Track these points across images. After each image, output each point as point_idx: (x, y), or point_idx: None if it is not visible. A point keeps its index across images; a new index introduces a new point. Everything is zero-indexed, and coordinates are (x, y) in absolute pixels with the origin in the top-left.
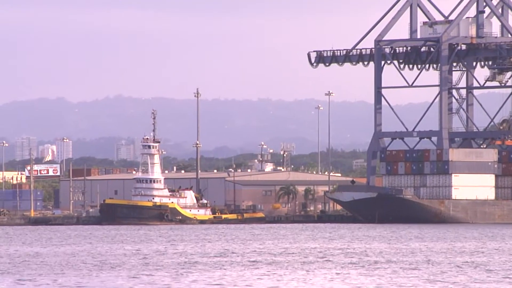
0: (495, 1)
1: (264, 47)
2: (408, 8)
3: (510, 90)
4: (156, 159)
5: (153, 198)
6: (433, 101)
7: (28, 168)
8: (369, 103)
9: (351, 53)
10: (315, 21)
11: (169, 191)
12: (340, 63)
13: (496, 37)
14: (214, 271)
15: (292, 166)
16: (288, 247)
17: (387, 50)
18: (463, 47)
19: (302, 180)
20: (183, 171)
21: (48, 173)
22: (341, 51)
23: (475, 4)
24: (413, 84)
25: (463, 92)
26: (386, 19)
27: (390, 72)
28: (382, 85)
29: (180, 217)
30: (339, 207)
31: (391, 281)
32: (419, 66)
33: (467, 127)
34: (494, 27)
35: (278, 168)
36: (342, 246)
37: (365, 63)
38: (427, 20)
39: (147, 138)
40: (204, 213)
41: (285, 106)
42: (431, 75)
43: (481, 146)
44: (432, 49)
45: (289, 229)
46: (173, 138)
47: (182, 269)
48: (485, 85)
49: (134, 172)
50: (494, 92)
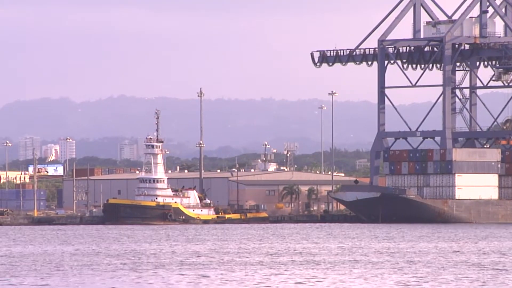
0: (498, 1)
1: (268, 47)
2: (412, 8)
3: None
4: (160, 159)
5: (156, 198)
6: (436, 101)
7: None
8: (373, 103)
9: (354, 53)
10: (318, 21)
11: (172, 191)
12: (344, 63)
13: (499, 37)
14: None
15: (295, 166)
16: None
17: (390, 50)
18: (467, 47)
19: (305, 180)
20: (186, 171)
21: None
22: (345, 51)
23: (478, 4)
24: (417, 84)
25: (466, 92)
26: (389, 19)
27: (393, 72)
28: (386, 85)
29: (183, 217)
30: (342, 207)
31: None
32: (423, 66)
33: (471, 127)
34: (498, 27)
35: (282, 168)
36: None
37: (369, 63)
38: (430, 20)
39: (150, 138)
40: (207, 213)
41: (288, 106)
42: (435, 75)
43: (485, 146)
44: (435, 49)
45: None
46: (176, 138)
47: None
48: (489, 84)
49: (137, 172)
50: (497, 92)
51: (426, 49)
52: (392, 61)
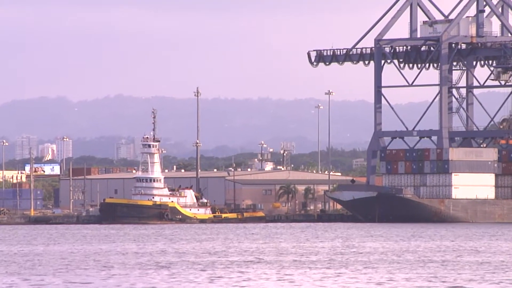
0: (495, 1)
1: (264, 46)
2: (408, 7)
3: (510, 89)
4: (156, 158)
5: (153, 197)
6: (433, 100)
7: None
8: (369, 102)
9: (351, 52)
10: (315, 20)
11: (169, 190)
12: (340, 62)
13: (496, 37)
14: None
15: (292, 165)
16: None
17: (387, 49)
18: (463, 46)
19: (302, 179)
20: (183, 170)
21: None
22: (341, 50)
23: (475, 3)
24: (413, 83)
25: (463, 91)
26: (386, 18)
27: (390, 71)
28: (382, 84)
29: (180, 216)
30: (339, 206)
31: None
32: (419, 65)
33: (467, 126)
34: (494, 27)
35: (278, 167)
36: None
37: (366, 62)
38: (427, 19)
39: (147, 137)
40: (204, 212)
41: (285, 105)
42: (431, 74)
43: (481, 146)
44: (432, 48)
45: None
46: (173, 137)
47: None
48: (486, 84)
49: (134, 171)
50: (494, 91)
51: (422, 48)
52: (388, 61)
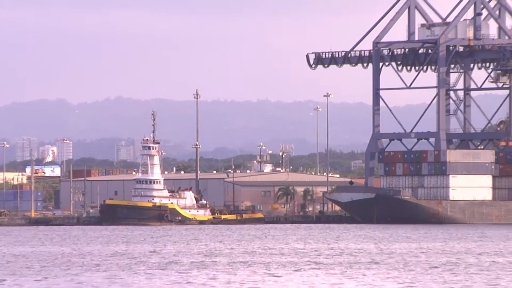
0: (492, 3)
1: (263, 49)
2: (406, 10)
3: (507, 91)
4: (156, 160)
5: (153, 199)
6: (430, 103)
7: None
8: (368, 104)
9: (349, 55)
10: (314, 23)
11: (168, 192)
12: (339, 65)
13: (493, 39)
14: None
15: (291, 167)
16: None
17: (385, 52)
18: (461, 49)
19: (300, 181)
20: (182, 172)
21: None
22: (340, 52)
23: (472, 6)
24: (411, 86)
25: (460, 93)
26: (384, 21)
27: (388, 74)
28: (380, 87)
29: (180, 218)
30: (337, 207)
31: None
32: (417, 67)
33: (465, 128)
34: (492, 29)
35: (277, 169)
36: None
37: (364, 64)
38: (425, 22)
39: (147, 139)
40: (203, 214)
41: (284, 107)
42: (429, 77)
43: (479, 147)
44: (430, 51)
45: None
46: (172, 139)
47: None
48: (483, 86)
49: (134, 173)
50: (491, 93)
51: (420, 51)
52: (387, 63)
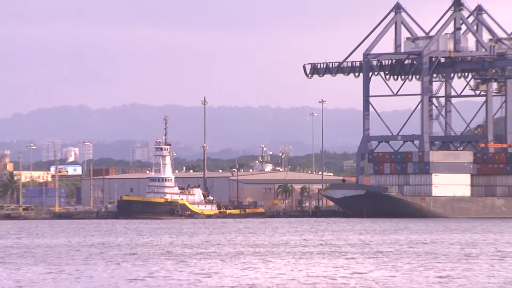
0: (470, 19)
1: (265, 60)
2: (393, 25)
3: (484, 98)
4: (168, 160)
5: (165, 195)
6: (415, 108)
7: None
8: (358, 110)
9: (342, 65)
10: (310, 36)
11: (179, 189)
12: (333, 74)
13: (471, 52)
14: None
15: (289, 167)
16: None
17: (374, 62)
18: (442, 60)
19: (298, 179)
20: (191, 171)
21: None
22: (333, 63)
23: (453, 21)
24: (398, 93)
25: (442, 100)
26: (373, 35)
27: (377, 82)
28: (370, 94)
29: (189, 212)
30: (331, 203)
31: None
32: (403, 77)
33: (446, 131)
34: (470, 42)
35: (277, 168)
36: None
37: (355, 74)
38: (410, 36)
39: (159, 141)
40: (210, 209)
41: (283, 113)
42: (414, 85)
43: (458, 149)
44: (414, 61)
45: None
46: (183, 141)
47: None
48: (462, 94)
49: (148, 171)
50: (470, 100)
51: (406, 62)
52: (376, 73)
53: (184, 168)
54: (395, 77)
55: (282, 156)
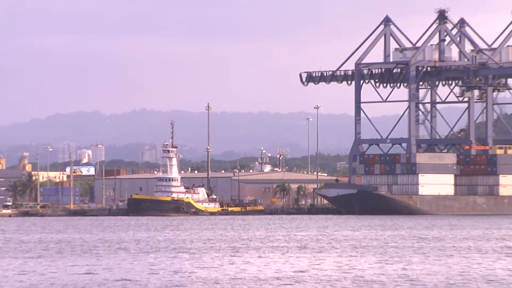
0: (454, 31)
1: (264, 69)
2: (383, 36)
3: (466, 104)
4: (174, 161)
5: (171, 194)
6: (403, 114)
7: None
8: (351, 115)
9: (336, 74)
10: (306, 47)
11: (184, 188)
12: (327, 82)
13: (455, 61)
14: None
15: (286, 167)
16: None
17: (365, 71)
18: (428, 69)
19: (295, 179)
20: (196, 172)
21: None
22: (328, 72)
23: (438, 33)
24: (387, 100)
25: (428, 106)
26: (364, 46)
27: (367, 90)
28: (361, 100)
29: (194, 210)
30: (325, 201)
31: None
32: (392, 84)
33: (431, 135)
34: (454, 53)
35: (275, 169)
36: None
37: (348, 82)
38: (398, 46)
39: (166, 144)
40: (213, 206)
41: (281, 118)
42: (402, 92)
43: (443, 151)
44: (402, 70)
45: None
46: (188, 144)
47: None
48: (447, 100)
49: (156, 172)
50: (453, 106)
51: (394, 70)
52: (366, 81)
53: (189, 169)
54: (385, 84)
55: (280, 158)
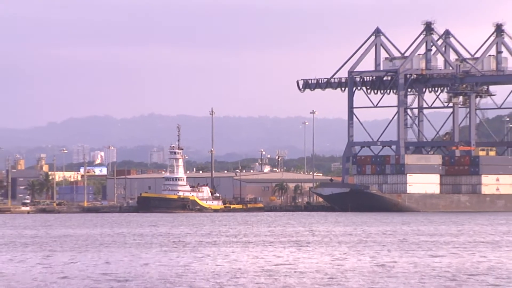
0: (439, 42)
1: (263, 77)
2: (374, 47)
3: (451, 110)
4: (180, 162)
5: (178, 192)
6: (392, 118)
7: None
8: (344, 119)
9: (330, 81)
10: (302, 56)
11: (190, 187)
12: (322, 88)
13: (440, 70)
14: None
15: (284, 168)
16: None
17: (357, 79)
18: (416, 76)
19: (292, 179)
20: (201, 172)
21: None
22: (323, 79)
23: (424, 44)
24: (377, 105)
25: (415, 111)
26: (356, 55)
27: (360, 96)
28: (354, 106)
29: (199, 207)
30: (320, 199)
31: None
32: (382, 91)
33: (419, 138)
34: (439, 62)
35: (274, 169)
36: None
37: (342, 88)
38: (388, 56)
39: (173, 146)
40: (217, 204)
41: (279, 122)
42: (391, 98)
43: (429, 153)
44: (392, 78)
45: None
46: (193, 146)
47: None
48: (433, 106)
49: (163, 172)
50: (439, 111)
51: (384, 78)
52: (359, 88)
53: (194, 169)
54: (375, 91)
55: (279, 159)
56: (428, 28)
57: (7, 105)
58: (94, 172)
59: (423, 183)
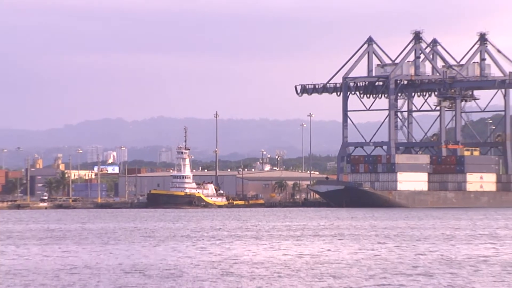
0: (427, 50)
1: (264, 82)
2: (366, 54)
3: (438, 112)
4: (187, 161)
5: (185, 189)
6: (384, 121)
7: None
8: (339, 121)
9: (326, 86)
10: (300, 62)
11: (196, 184)
12: (319, 93)
13: (428, 75)
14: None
15: (284, 167)
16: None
17: (351, 84)
18: (405, 82)
19: (291, 177)
20: (206, 170)
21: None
22: (319, 84)
23: (413, 51)
24: (370, 108)
25: (405, 114)
26: (350, 62)
27: (353, 100)
28: (348, 109)
29: (204, 203)
30: (317, 196)
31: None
32: (374, 95)
33: (408, 139)
34: (427, 68)
35: (274, 168)
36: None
37: (337, 93)
38: (379, 62)
39: (180, 147)
40: (221, 200)
41: (279, 124)
42: (383, 102)
43: (418, 153)
44: (383, 83)
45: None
46: (199, 147)
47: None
48: (422, 109)
49: (171, 171)
50: (427, 114)
51: (376, 83)
52: (353, 92)
53: (200, 168)
54: (368, 95)
55: (278, 159)
56: (417, 37)
57: (27, 108)
58: (107, 171)
59: (412, 180)
